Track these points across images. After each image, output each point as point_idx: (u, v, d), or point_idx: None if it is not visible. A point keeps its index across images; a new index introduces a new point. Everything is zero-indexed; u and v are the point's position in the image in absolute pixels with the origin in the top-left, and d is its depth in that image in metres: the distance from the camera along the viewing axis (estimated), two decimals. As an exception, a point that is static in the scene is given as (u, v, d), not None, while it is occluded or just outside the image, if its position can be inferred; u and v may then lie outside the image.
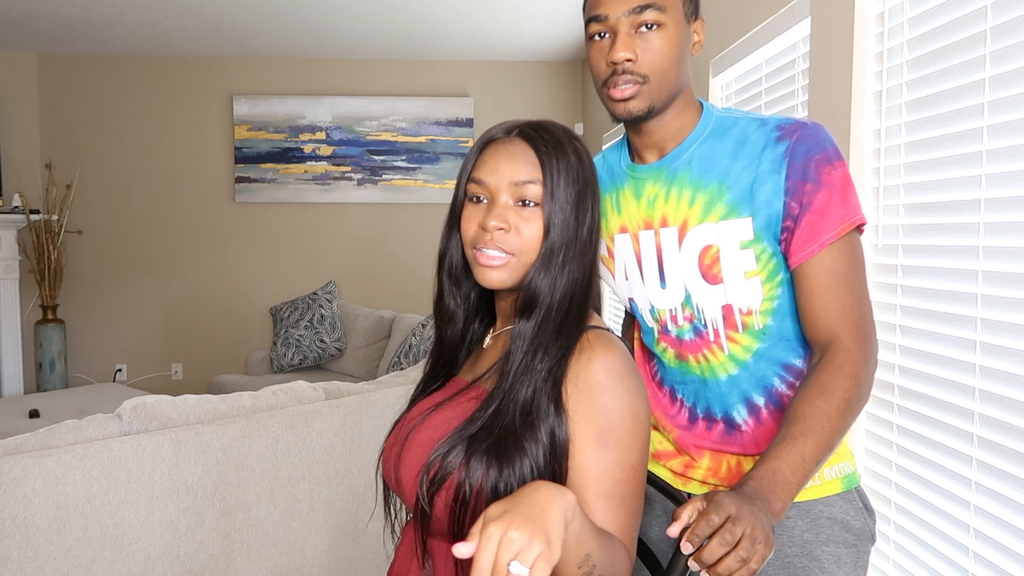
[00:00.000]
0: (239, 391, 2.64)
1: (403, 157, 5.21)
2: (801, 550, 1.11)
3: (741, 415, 1.14)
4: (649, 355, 1.27)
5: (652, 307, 1.19)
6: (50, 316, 4.87)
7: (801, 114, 2.04)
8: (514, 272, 0.97)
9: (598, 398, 0.90)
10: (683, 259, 1.12)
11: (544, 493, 0.72)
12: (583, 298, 0.98)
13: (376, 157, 5.21)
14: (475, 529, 0.67)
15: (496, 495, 0.87)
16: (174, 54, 5.08)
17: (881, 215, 1.66)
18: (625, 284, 1.22)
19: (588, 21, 1.09)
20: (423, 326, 4.03)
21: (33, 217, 4.75)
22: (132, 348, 5.21)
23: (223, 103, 5.16)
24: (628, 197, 1.19)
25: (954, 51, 1.42)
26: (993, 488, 1.31)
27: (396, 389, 2.54)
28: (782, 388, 1.12)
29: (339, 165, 5.20)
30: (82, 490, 1.82)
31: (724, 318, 1.11)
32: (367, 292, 5.30)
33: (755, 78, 2.39)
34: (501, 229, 0.94)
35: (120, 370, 5.20)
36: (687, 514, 0.84)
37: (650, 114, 1.09)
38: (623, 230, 1.20)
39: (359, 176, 5.22)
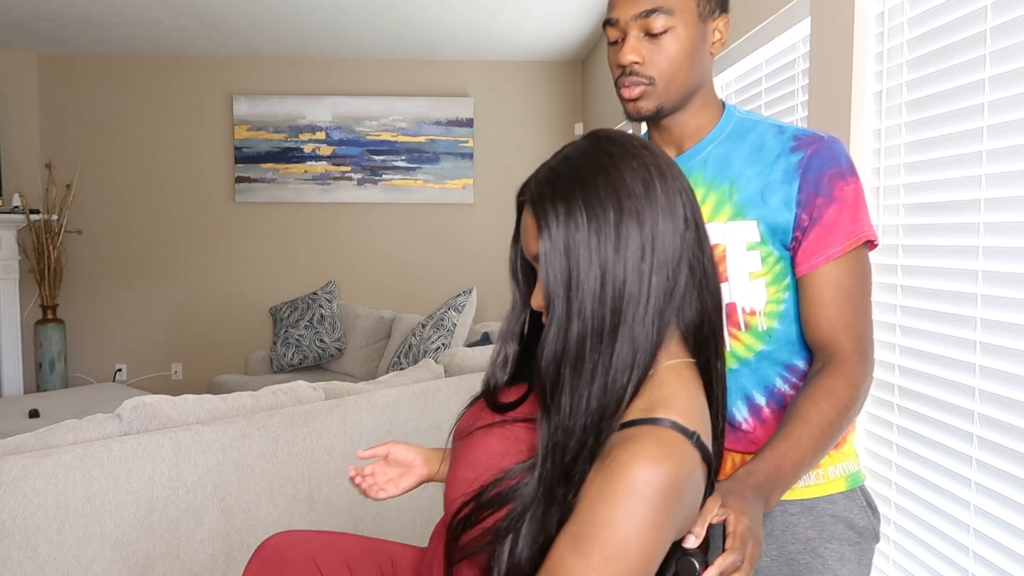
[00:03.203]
0: (239, 391, 2.64)
1: (403, 157, 5.21)
2: (804, 547, 1.12)
3: (741, 412, 1.14)
4: None
5: None
6: (50, 316, 4.87)
7: (801, 114, 2.04)
8: None
9: (600, 502, 0.78)
10: None
11: None
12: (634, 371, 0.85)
13: (376, 157, 5.21)
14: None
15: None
16: (174, 54, 5.08)
17: (881, 215, 1.66)
18: None
19: (604, 24, 1.13)
20: (423, 326, 4.03)
21: (33, 217, 4.75)
22: (132, 348, 5.21)
23: (223, 103, 5.16)
24: None
25: (954, 51, 1.42)
26: (993, 488, 1.31)
27: (396, 389, 2.54)
28: (784, 388, 1.13)
29: (339, 165, 5.20)
30: (82, 490, 1.82)
31: (728, 316, 1.12)
32: (367, 292, 5.30)
33: (755, 78, 2.39)
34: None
35: (120, 370, 5.20)
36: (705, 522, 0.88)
37: (660, 113, 1.12)
38: None
39: (359, 176, 5.22)
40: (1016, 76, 1.26)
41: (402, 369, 3.48)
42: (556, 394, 0.86)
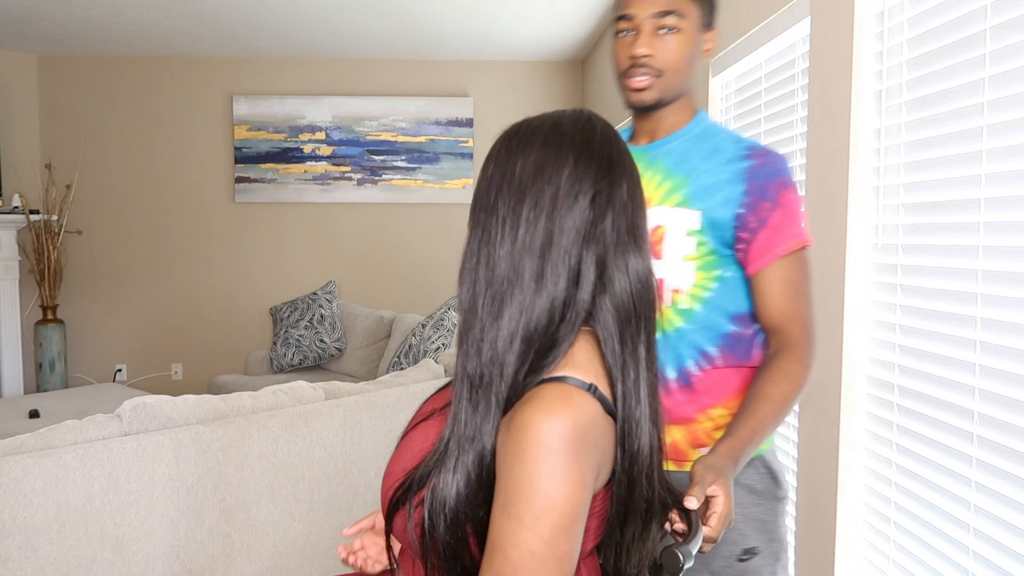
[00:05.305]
0: (239, 391, 2.64)
1: (403, 157, 5.21)
2: None
3: None
4: None
5: None
6: (50, 316, 4.87)
7: (801, 114, 2.04)
8: None
9: (514, 462, 0.80)
10: None
11: None
12: (539, 330, 0.86)
13: (376, 157, 5.21)
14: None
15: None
16: (174, 54, 5.08)
17: (881, 215, 1.66)
18: None
19: (617, 18, 1.27)
20: (423, 326, 4.03)
21: (33, 217, 4.75)
22: (132, 348, 5.21)
23: (223, 103, 5.16)
24: None
25: (953, 50, 1.42)
26: (993, 487, 1.31)
27: (396, 389, 2.54)
28: (694, 371, 1.27)
29: (339, 165, 5.20)
30: (82, 490, 1.82)
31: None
32: (367, 292, 5.30)
33: (755, 78, 2.39)
34: None
35: (120, 370, 5.20)
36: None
37: (658, 104, 1.28)
38: None
39: (359, 176, 5.22)
40: (1016, 75, 1.26)
41: (402, 369, 3.48)
42: (466, 331, 0.89)
